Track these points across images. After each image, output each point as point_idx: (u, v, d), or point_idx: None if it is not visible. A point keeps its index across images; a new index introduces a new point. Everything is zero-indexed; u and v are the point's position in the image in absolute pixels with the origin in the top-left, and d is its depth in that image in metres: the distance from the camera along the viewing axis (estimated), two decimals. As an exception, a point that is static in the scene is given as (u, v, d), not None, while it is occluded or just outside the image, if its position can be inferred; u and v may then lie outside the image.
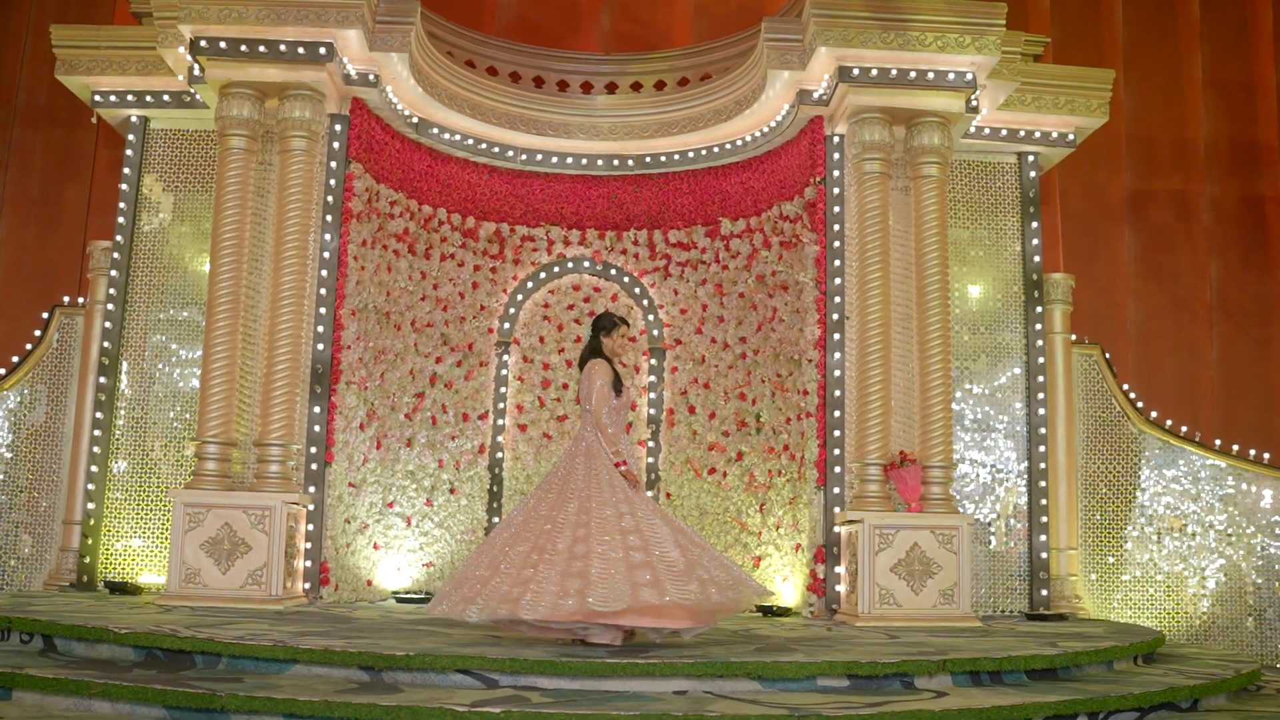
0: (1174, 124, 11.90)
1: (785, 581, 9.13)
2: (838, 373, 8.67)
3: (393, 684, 4.83)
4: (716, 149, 10.08)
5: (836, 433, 8.61)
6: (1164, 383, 11.33)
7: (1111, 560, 9.58)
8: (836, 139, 9.02)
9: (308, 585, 8.36)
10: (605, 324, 6.53)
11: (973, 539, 8.88)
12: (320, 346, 8.64)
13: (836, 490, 8.55)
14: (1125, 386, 9.85)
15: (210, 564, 7.81)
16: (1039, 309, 9.58)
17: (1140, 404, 9.80)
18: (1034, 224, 9.70)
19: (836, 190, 8.93)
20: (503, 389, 10.47)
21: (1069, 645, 6.10)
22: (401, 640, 5.51)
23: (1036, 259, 9.66)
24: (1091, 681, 5.60)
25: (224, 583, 7.79)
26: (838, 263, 8.82)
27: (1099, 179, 11.71)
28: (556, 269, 10.74)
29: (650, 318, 10.62)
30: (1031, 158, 9.78)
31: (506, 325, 10.57)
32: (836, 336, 8.72)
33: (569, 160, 10.32)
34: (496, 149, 10.16)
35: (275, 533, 7.87)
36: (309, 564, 8.39)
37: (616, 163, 10.35)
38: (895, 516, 8.05)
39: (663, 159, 10.29)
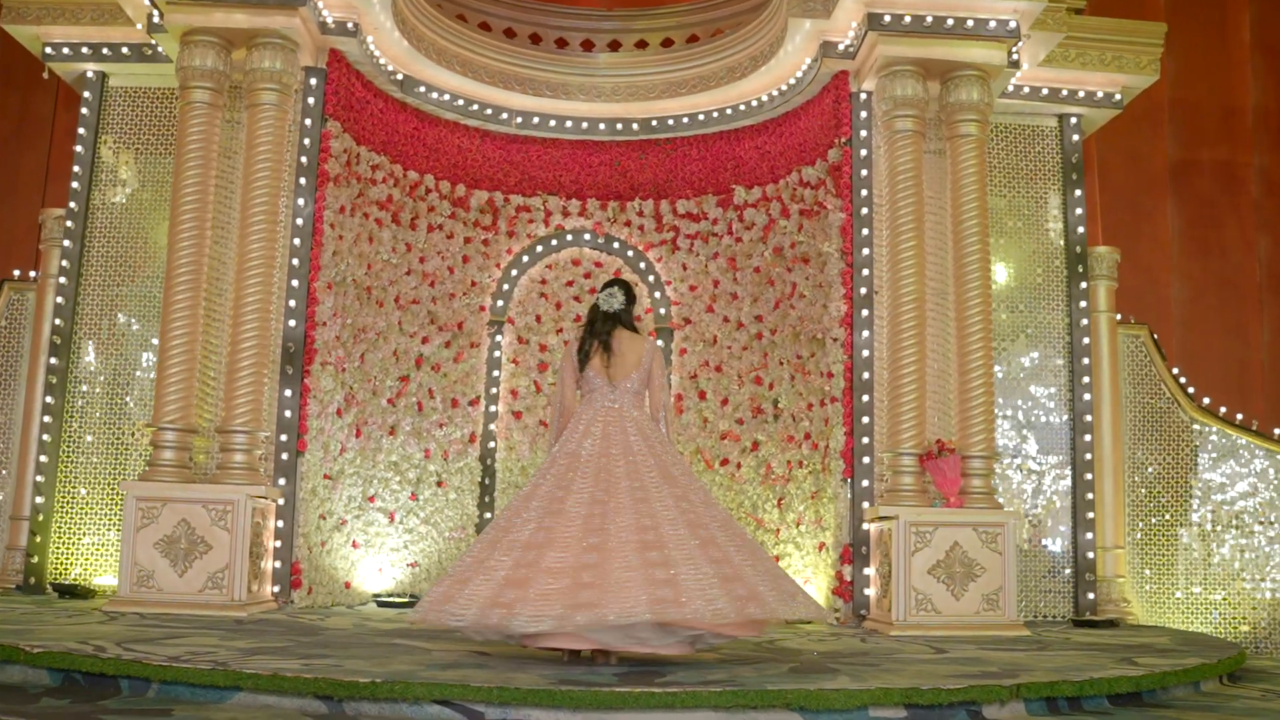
0: (1219, 89, 11.05)
1: (807, 584, 8.27)
2: (866, 353, 7.83)
3: (355, 717, 3.97)
4: (729, 110, 9.26)
5: (865, 419, 7.76)
6: (1210, 366, 10.49)
7: (1162, 560, 8.74)
8: (864, 96, 8.18)
9: (277, 589, 7.51)
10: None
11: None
12: (292, 323, 7.78)
13: (865, 483, 7.70)
14: (1175, 370, 9.01)
15: (165, 565, 6.96)
16: (1083, 285, 8.73)
17: (1192, 390, 8.95)
18: (1077, 192, 8.85)
19: (864, 152, 8.09)
20: (495, 372, 9.63)
21: (1148, 662, 5.26)
22: (371, 659, 4.66)
23: (1080, 230, 8.81)
24: (1185, 708, 4.75)
25: (181, 586, 6.94)
26: (865, 231, 7.98)
27: (1139, 148, 10.87)
28: (554, 242, 9.92)
29: (657, 295, 9.78)
30: (1074, 120, 8.93)
31: (500, 303, 9.74)
32: (864, 313, 7.88)
33: (568, 123, 9.50)
34: (489, 110, 9.32)
35: (238, 530, 7.01)
36: (278, 565, 7.54)
37: (620, 126, 9.55)
38: (933, 512, 7.20)
39: (670, 122, 9.49)
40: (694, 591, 4.57)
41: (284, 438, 7.67)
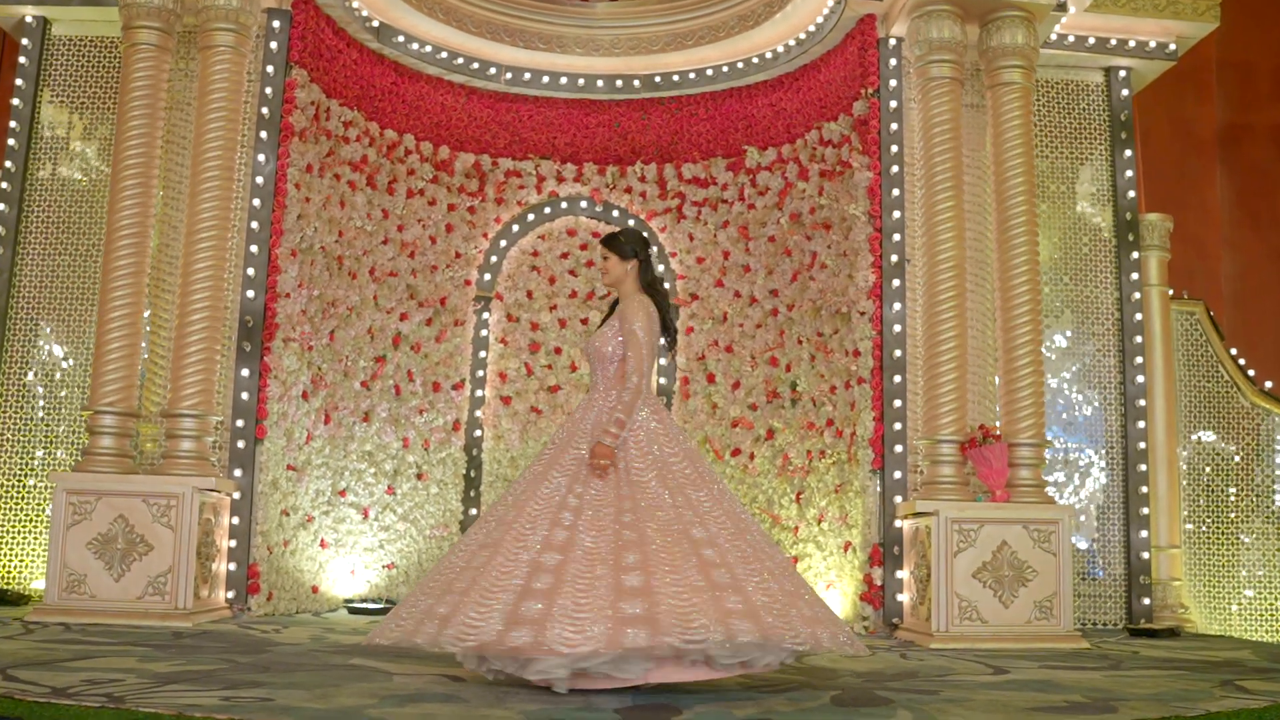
0: (1273, 47, 10.15)
1: (830, 589, 7.39)
2: (898, 328, 6.96)
3: (280, 772, 3.08)
4: (740, 64, 8.43)
5: (897, 403, 6.89)
6: (1265, 347, 9.59)
7: (1221, 562, 7.86)
8: (893, 42, 7.35)
9: (231, 594, 6.64)
10: None
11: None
12: (250, 293, 6.90)
13: (897, 475, 6.83)
14: (1233, 351, 8.13)
15: (99, 568, 6.09)
16: (1134, 255, 7.84)
17: (1252, 372, 8.07)
18: (1126, 152, 7.97)
19: (894, 104, 7.23)
20: (482, 353, 8.77)
21: (1260, 688, 4.38)
22: (316, 688, 3.76)
23: (1130, 194, 7.93)
24: (1317, 747, 3.86)
25: (116, 592, 6.07)
26: (896, 192, 7.11)
27: (1185, 111, 9.97)
28: (548, 210, 9.09)
29: (661, 268, 8.89)
30: (1123, 73, 8.03)
31: (487, 277, 8.88)
32: (896, 283, 7.01)
33: (563, 80, 8.66)
34: (476, 65, 8.47)
35: (184, 527, 6.14)
36: (233, 567, 6.66)
37: (620, 83, 8.74)
38: (978, 508, 6.33)
39: (675, 78, 8.68)
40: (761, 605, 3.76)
41: (240, 423, 6.79)
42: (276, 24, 7.22)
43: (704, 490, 4.24)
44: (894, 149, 7.17)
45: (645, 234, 4.85)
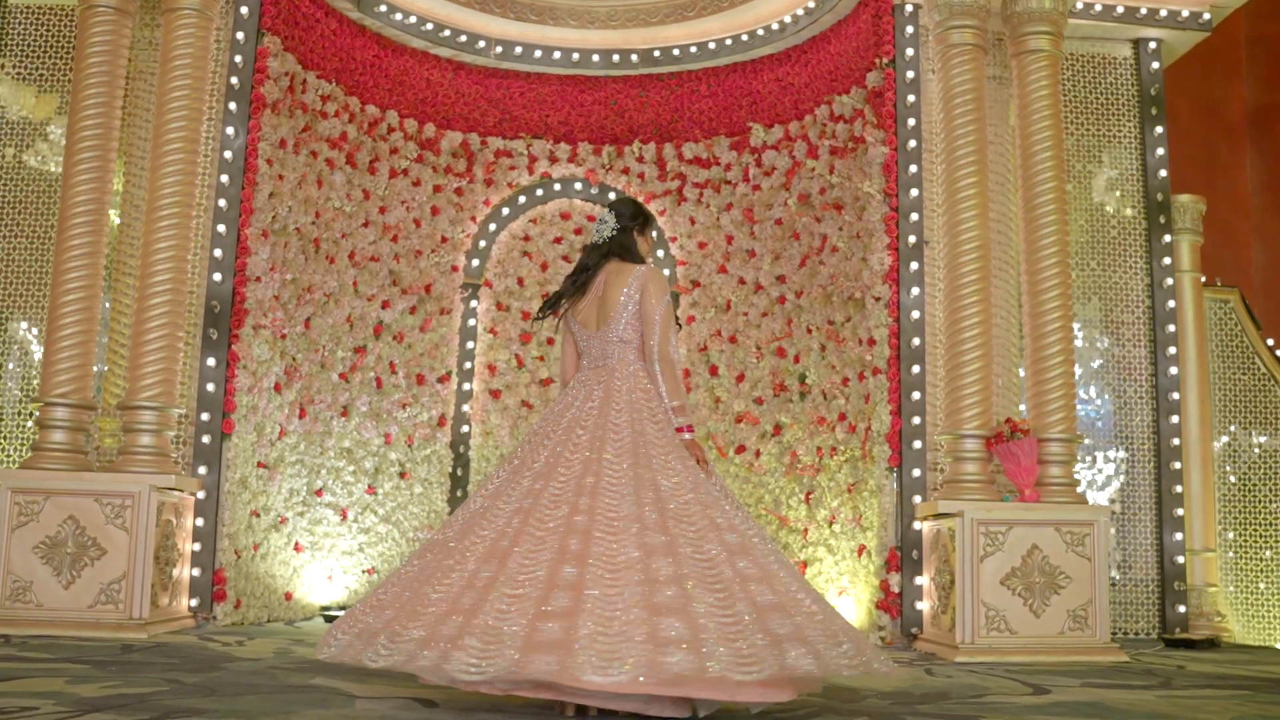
0: (1306, 24, 9.68)
1: (843, 595, 6.88)
2: (916, 314, 6.45)
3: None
4: (745, 37, 7.95)
5: (916, 395, 6.38)
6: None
7: (1259, 567, 7.35)
8: (909, 9, 6.81)
9: (195, 602, 6.12)
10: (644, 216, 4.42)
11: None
12: (217, 277, 6.38)
13: (916, 473, 6.31)
14: (1270, 342, 7.64)
15: (47, 574, 5.57)
16: (1165, 239, 7.33)
17: (1290, 364, 7.58)
18: (1157, 129, 7.44)
19: (910, 74, 6.72)
20: (470, 344, 8.28)
21: (1337, 711, 3.87)
22: (262, 717, 3.25)
23: (1161, 174, 7.40)
24: None
25: (66, 601, 5.55)
26: (914, 169, 6.60)
27: (1212, 90, 9.49)
28: (539, 192, 8.59)
29: (660, 254, 8.39)
30: (1152, 45, 7.51)
31: (475, 263, 8.39)
32: (914, 266, 6.50)
33: (556, 55, 8.18)
34: (464, 38, 7.99)
35: (140, 529, 5.62)
36: (197, 573, 6.13)
37: (617, 58, 8.25)
38: (1007, 508, 5.82)
39: (675, 52, 8.20)
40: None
41: (205, 417, 6.27)
42: (247, -12, 6.72)
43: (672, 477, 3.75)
44: (911, 122, 6.66)
45: (633, 204, 4.35)
